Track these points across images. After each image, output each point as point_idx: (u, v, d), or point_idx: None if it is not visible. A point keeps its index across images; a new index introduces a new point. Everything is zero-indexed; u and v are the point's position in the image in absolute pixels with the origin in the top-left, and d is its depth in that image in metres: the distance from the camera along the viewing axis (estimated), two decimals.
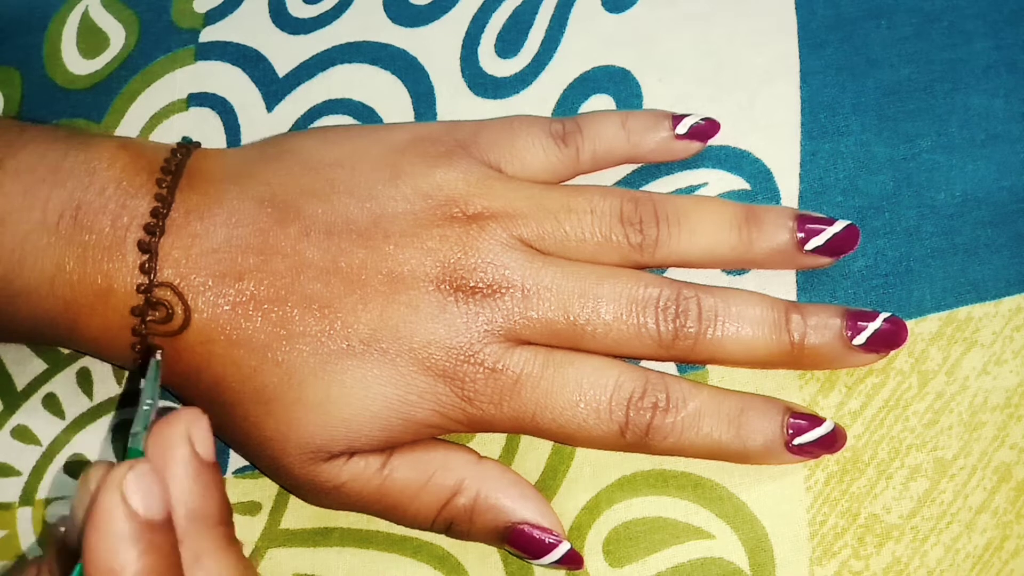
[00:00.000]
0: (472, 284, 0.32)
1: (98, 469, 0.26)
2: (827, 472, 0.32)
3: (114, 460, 0.35)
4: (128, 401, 0.37)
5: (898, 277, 0.33)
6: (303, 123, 0.38)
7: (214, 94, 0.39)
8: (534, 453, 0.34)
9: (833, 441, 0.31)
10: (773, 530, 0.32)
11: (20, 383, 0.37)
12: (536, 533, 0.32)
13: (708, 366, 0.33)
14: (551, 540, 0.32)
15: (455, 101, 0.37)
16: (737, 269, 0.34)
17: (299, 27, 0.39)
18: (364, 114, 0.38)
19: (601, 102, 0.36)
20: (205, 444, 0.27)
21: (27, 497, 0.37)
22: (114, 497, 0.24)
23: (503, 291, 0.32)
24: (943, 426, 0.32)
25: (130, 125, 0.39)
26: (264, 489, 0.35)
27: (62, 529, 0.27)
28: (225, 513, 0.27)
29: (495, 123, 0.34)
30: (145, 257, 0.32)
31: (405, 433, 0.32)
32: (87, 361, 0.37)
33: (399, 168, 0.33)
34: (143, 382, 0.29)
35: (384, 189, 0.32)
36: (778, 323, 0.31)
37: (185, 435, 0.27)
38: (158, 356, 0.31)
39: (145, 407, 0.28)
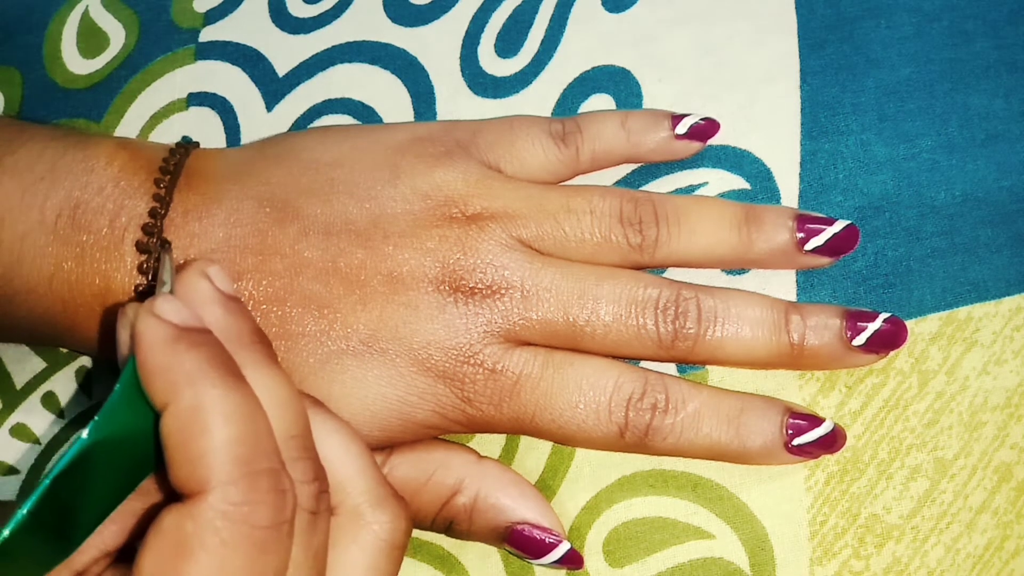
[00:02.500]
0: (471, 285, 0.32)
1: (132, 306, 0.26)
2: (827, 472, 0.32)
3: None
4: None
5: (898, 277, 0.33)
6: (303, 123, 0.38)
7: (214, 94, 0.39)
8: (534, 453, 0.34)
9: (833, 441, 0.31)
10: (773, 530, 0.32)
11: (19, 381, 0.38)
12: (536, 533, 0.32)
13: (708, 366, 0.33)
14: (551, 540, 0.32)
15: (455, 101, 0.37)
16: (737, 269, 0.34)
17: (299, 27, 0.39)
18: (364, 114, 0.38)
19: (601, 102, 0.36)
20: (222, 279, 0.27)
21: (25, 495, 0.37)
22: (149, 317, 0.25)
23: (502, 292, 0.32)
24: (943, 426, 0.32)
25: (130, 125, 0.39)
26: None
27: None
28: (259, 334, 0.27)
29: (494, 123, 0.34)
30: (143, 258, 0.32)
31: (404, 433, 0.32)
32: (86, 360, 0.37)
33: (398, 168, 0.33)
34: (163, 268, 0.29)
35: (383, 189, 0.32)
36: (777, 324, 0.31)
37: (202, 273, 0.27)
38: (168, 248, 0.31)
39: (164, 287, 0.28)
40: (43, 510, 0.23)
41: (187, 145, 0.34)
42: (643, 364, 0.33)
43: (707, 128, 0.34)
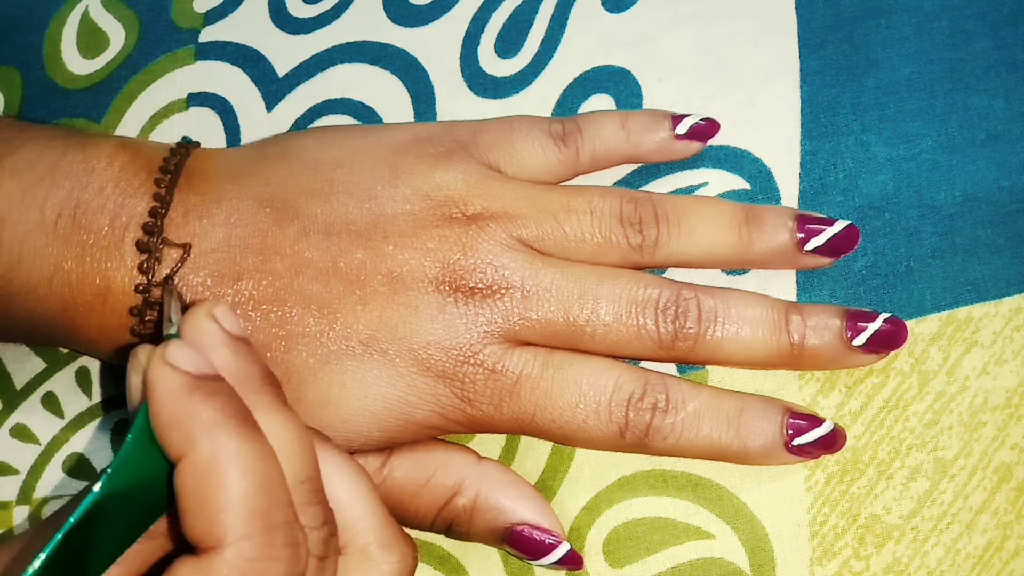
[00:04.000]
0: (471, 285, 0.32)
1: (143, 349, 0.26)
2: (827, 472, 0.32)
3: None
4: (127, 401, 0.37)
5: (898, 277, 0.33)
6: (303, 123, 0.38)
7: (214, 94, 0.39)
8: (534, 453, 0.34)
9: (833, 441, 0.31)
10: (773, 530, 0.32)
11: (19, 382, 0.37)
12: (536, 534, 0.32)
13: (708, 366, 0.33)
14: (551, 541, 0.32)
15: (455, 101, 0.37)
16: (737, 269, 0.34)
17: (299, 27, 0.39)
18: (364, 114, 0.38)
19: (601, 102, 0.36)
20: (230, 321, 0.27)
21: (24, 496, 0.37)
22: (162, 365, 0.25)
23: (502, 292, 0.32)
24: (943, 426, 0.32)
25: (130, 125, 0.39)
26: None
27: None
28: (269, 376, 0.27)
29: (494, 123, 0.34)
30: (143, 257, 0.32)
31: (404, 434, 0.32)
32: (86, 360, 0.37)
33: (398, 168, 0.33)
34: (169, 306, 0.29)
35: (383, 189, 0.32)
36: (777, 324, 0.31)
37: (209, 315, 0.27)
38: (172, 286, 0.31)
39: (171, 327, 0.28)
40: (56, 560, 0.23)
41: (187, 145, 0.34)
42: (643, 364, 0.33)
43: (707, 128, 0.34)
